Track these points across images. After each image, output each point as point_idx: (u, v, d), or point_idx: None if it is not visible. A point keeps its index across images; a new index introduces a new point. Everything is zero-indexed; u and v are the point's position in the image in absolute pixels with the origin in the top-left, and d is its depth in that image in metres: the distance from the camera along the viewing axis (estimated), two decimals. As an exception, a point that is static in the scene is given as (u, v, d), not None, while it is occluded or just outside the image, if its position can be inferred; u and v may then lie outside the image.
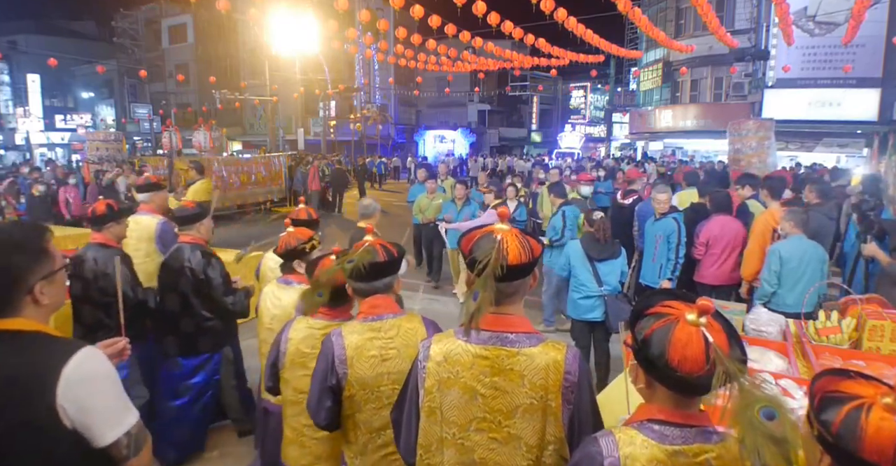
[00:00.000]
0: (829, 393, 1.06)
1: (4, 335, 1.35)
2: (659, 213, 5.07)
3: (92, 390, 1.34)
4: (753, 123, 8.67)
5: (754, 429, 1.03)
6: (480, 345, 1.46)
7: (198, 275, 3.21)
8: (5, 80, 36.85)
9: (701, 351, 1.10)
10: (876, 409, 0.98)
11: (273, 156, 15.38)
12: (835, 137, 18.80)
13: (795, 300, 3.98)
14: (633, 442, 1.16)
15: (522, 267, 1.43)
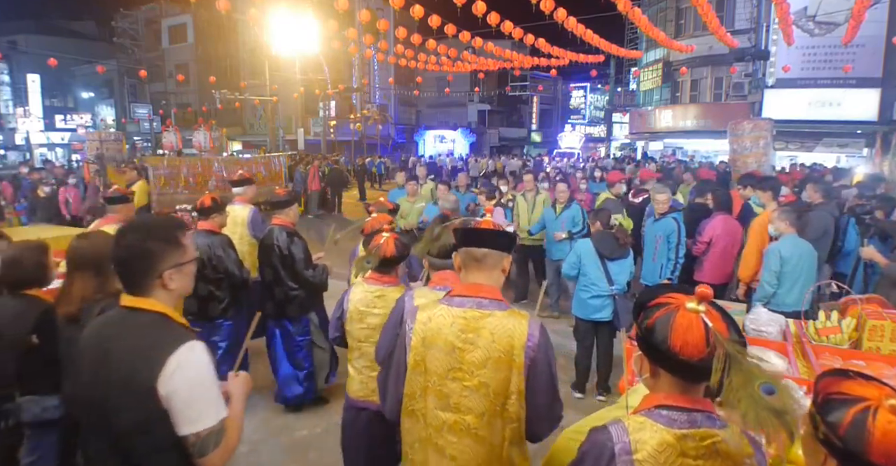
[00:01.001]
0: (832, 395, 1.07)
1: (131, 311, 1.54)
2: (658, 213, 5.08)
3: (182, 383, 1.45)
4: (748, 124, 8.68)
5: (756, 404, 1.08)
6: (459, 308, 1.72)
7: (283, 251, 3.90)
8: (5, 80, 36.85)
9: (701, 335, 1.16)
10: (882, 412, 0.99)
11: (273, 156, 15.35)
12: (835, 137, 18.79)
13: (795, 299, 3.99)
14: (643, 428, 1.21)
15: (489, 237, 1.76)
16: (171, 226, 1.64)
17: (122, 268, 1.57)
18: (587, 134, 39.83)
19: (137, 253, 1.54)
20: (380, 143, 30.32)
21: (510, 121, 43.90)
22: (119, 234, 1.59)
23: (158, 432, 1.46)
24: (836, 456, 1.04)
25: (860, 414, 1.00)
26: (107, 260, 2.04)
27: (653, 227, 5.15)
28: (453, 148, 35.72)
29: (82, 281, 2.37)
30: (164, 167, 11.29)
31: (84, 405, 1.55)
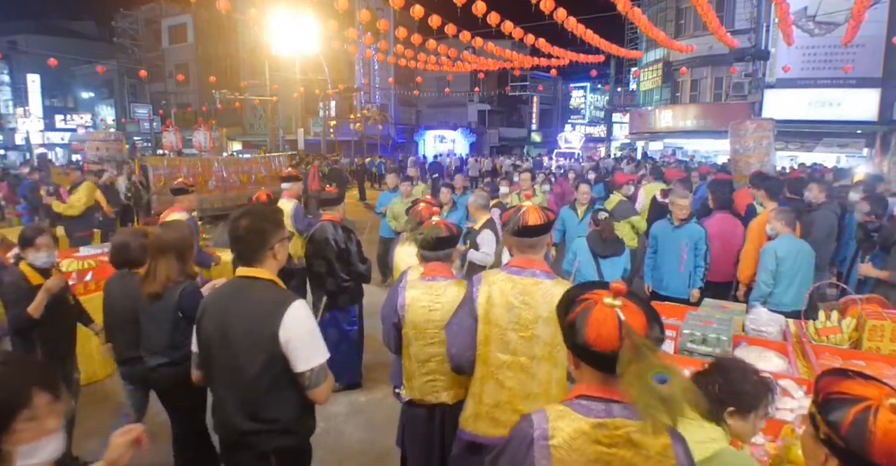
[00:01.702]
0: (833, 395, 1.08)
1: (252, 279, 2.00)
2: (678, 219, 4.69)
3: (298, 328, 1.91)
4: (751, 123, 8.66)
5: (647, 391, 1.14)
6: (518, 276, 2.17)
7: (340, 245, 4.19)
8: (5, 80, 36.86)
9: (614, 329, 1.21)
10: (883, 411, 1.01)
11: (273, 156, 15.35)
12: (835, 137, 18.78)
13: (792, 298, 3.99)
14: (562, 416, 1.30)
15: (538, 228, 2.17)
16: (275, 210, 2.16)
17: (241, 245, 2.01)
18: (587, 134, 39.82)
19: (255, 232, 1.98)
20: (380, 143, 30.31)
21: (510, 121, 43.88)
22: (237, 218, 2.00)
23: (280, 370, 1.90)
24: (838, 456, 1.05)
25: (861, 414, 1.02)
26: (187, 245, 2.79)
27: (674, 234, 4.70)
28: (453, 148, 35.71)
29: (166, 265, 2.72)
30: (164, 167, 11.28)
31: (216, 357, 1.98)
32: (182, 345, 2.62)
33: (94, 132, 23.91)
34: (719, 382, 1.76)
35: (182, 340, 2.64)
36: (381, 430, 3.92)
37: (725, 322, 3.09)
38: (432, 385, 2.46)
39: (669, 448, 1.26)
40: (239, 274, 2.04)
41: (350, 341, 4.43)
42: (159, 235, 2.78)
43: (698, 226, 4.72)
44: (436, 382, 2.45)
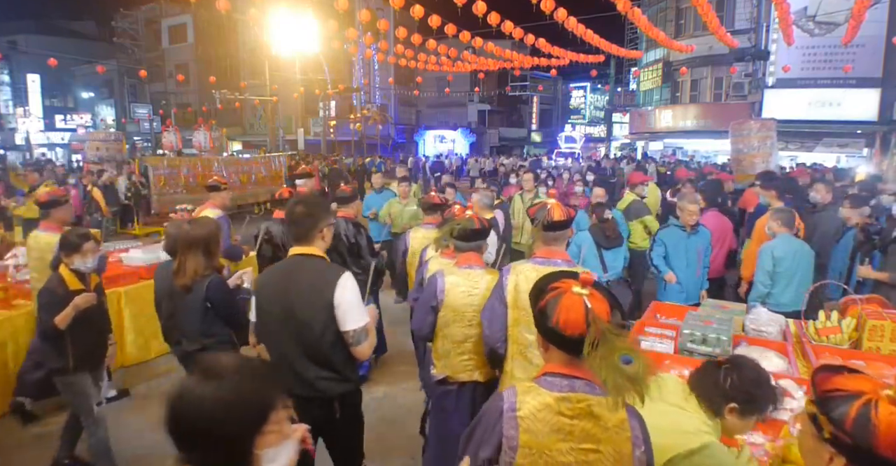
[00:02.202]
0: (830, 392, 1.09)
1: (307, 256, 2.39)
2: (689, 226, 4.57)
3: (347, 295, 2.30)
4: (755, 123, 8.66)
5: (614, 371, 1.26)
6: (541, 265, 2.46)
7: (350, 240, 4.43)
8: (5, 80, 36.84)
9: (581, 315, 1.33)
10: (883, 404, 1.03)
11: (273, 156, 15.37)
12: (835, 137, 18.78)
13: (790, 298, 4.00)
14: (529, 391, 1.43)
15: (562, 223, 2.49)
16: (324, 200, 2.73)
17: (296, 227, 2.41)
18: (587, 134, 39.84)
19: (308, 217, 2.38)
20: (380, 143, 30.30)
21: (510, 121, 43.88)
22: (293, 204, 2.44)
23: (333, 329, 2.30)
24: (845, 453, 1.05)
25: (863, 408, 1.03)
26: (213, 241, 2.98)
27: (689, 242, 4.59)
28: (453, 148, 35.71)
29: (194, 259, 2.90)
30: (164, 167, 11.31)
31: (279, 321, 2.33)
32: (212, 333, 2.93)
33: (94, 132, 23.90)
34: (732, 378, 1.79)
35: (211, 328, 2.93)
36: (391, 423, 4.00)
37: (725, 322, 3.09)
38: (466, 363, 2.75)
39: (626, 421, 1.40)
40: (294, 252, 2.43)
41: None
42: (188, 231, 2.94)
43: (705, 229, 4.72)
44: (470, 361, 2.74)
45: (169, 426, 1.08)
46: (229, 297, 2.99)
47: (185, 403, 1.07)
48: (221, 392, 1.07)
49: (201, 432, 1.06)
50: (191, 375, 1.12)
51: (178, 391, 1.08)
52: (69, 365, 3.15)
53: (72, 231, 3.34)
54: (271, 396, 1.15)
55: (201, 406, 1.05)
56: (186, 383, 1.10)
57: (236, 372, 1.11)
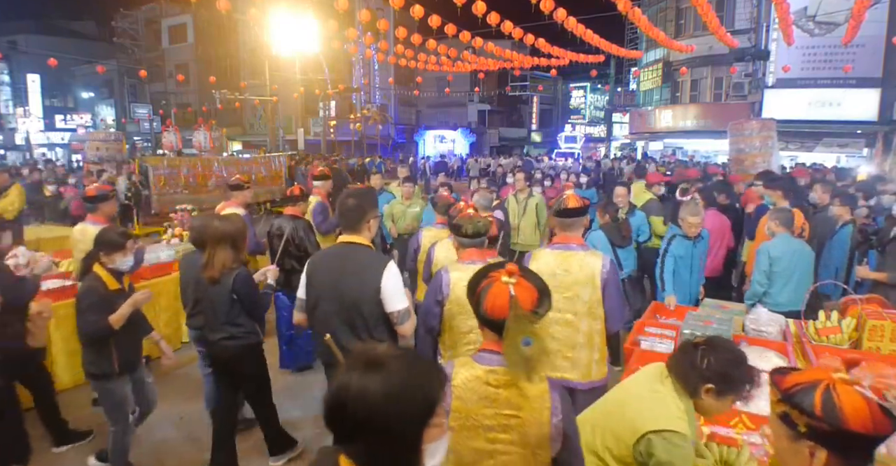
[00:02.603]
0: (791, 388, 1.18)
1: (355, 244, 2.67)
2: (692, 236, 4.48)
3: (392, 281, 2.58)
4: (756, 123, 8.66)
5: (515, 350, 1.48)
6: (558, 250, 2.86)
7: None
8: (5, 80, 36.83)
9: (506, 301, 1.51)
10: (840, 386, 1.15)
11: (273, 156, 15.36)
12: (835, 137, 18.78)
13: (787, 298, 3.99)
14: (465, 365, 1.65)
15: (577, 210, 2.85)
16: (370, 192, 3.05)
17: (346, 217, 2.67)
18: (587, 134, 39.83)
19: (357, 208, 2.66)
20: (380, 143, 30.30)
21: (510, 121, 43.88)
22: (345, 197, 2.71)
23: (380, 309, 2.59)
24: (823, 442, 1.12)
25: (825, 394, 1.14)
26: (240, 236, 3.16)
27: (694, 251, 4.53)
28: (453, 148, 35.71)
29: (223, 253, 3.06)
30: (164, 167, 11.31)
31: (328, 301, 2.64)
32: (238, 323, 3.09)
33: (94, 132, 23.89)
34: (708, 359, 1.80)
35: (237, 318, 3.09)
36: None
37: (725, 322, 3.09)
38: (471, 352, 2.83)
39: (546, 393, 1.57)
40: (343, 239, 2.71)
41: None
42: (217, 227, 3.10)
43: (706, 232, 4.68)
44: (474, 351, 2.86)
45: (334, 419, 1.04)
46: (254, 291, 3.12)
47: (355, 396, 1.01)
48: (391, 384, 1.03)
49: (372, 426, 1.02)
50: (352, 368, 1.06)
51: (342, 383, 1.03)
52: (114, 370, 3.05)
53: (111, 229, 3.25)
54: (437, 388, 1.11)
55: (372, 400, 1.01)
56: (350, 376, 1.04)
57: (402, 363, 1.07)
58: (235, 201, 5.18)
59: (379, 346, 1.12)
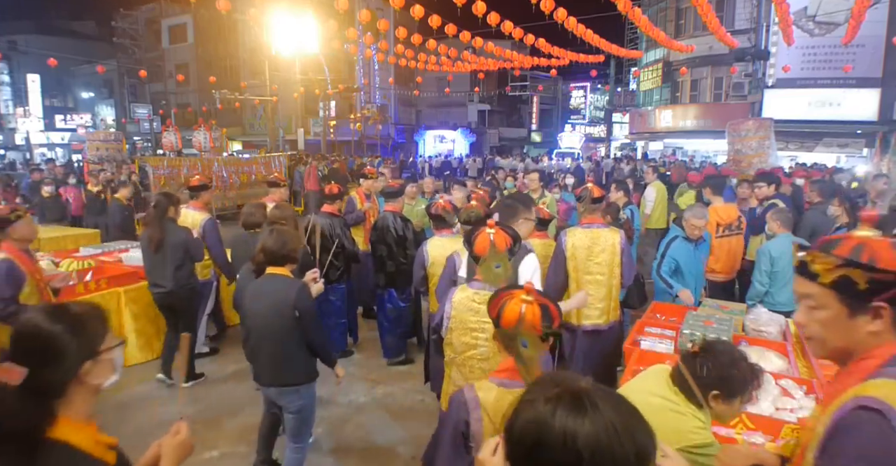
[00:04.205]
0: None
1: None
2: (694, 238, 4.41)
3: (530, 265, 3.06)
4: (753, 123, 8.66)
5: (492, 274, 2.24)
6: (587, 229, 3.76)
7: (398, 233, 4.86)
8: (5, 80, 36.82)
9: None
10: (513, 301, 1.73)
11: (273, 156, 15.36)
12: (835, 137, 18.79)
13: (787, 298, 4.01)
14: (461, 290, 2.43)
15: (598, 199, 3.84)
16: (526, 198, 3.85)
17: (504, 214, 3.31)
18: (587, 134, 39.80)
19: (512, 207, 3.40)
20: (380, 143, 30.26)
21: (510, 121, 43.85)
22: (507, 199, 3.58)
23: None
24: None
25: (502, 304, 1.72)
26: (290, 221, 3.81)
27: (695, 254, 4.46)
28: (453, 148, 35.67)
29: None
30: (164, 167, 11.32)
31: None
32: None
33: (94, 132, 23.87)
34: (707, 366, 1.79)
35: None
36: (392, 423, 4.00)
37: (725, 322, 3.09)
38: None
39: None
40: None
41: (405, 316, 5.05)
42: (274, 214, 4.08)
43: (707, 234, 4.60)
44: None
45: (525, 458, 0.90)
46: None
47: (558, 438, 0.86)
48: (603, 429, 0.86)
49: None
50: (553, 401, 0.90)
51: (540, 419, 0.89)
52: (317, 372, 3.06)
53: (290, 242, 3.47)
54: (649, 435, 0.91)
55: (581, 445, 0.85)
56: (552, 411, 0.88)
57: (612, 403, 0.90)
58: (271, 198, 5.53)
59: (580, 378, 0.95)
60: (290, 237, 2.96)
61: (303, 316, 2.80)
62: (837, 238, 1.20)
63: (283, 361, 2.87)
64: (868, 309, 1.12)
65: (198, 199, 5.12)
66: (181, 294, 4.43)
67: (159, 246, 4.30)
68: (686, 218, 4.44)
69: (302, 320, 2.81)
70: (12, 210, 3.60)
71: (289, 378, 2.90)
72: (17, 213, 3.56)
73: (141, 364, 5.03)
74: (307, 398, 2.99)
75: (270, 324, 2.83)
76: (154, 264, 4.40)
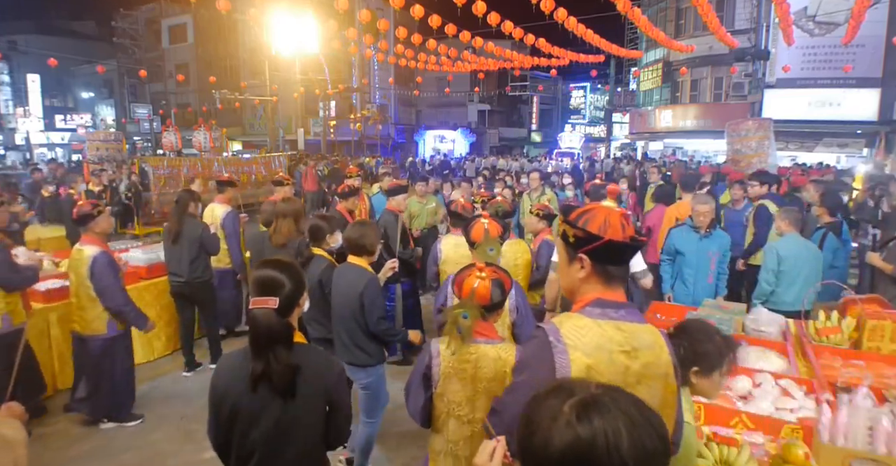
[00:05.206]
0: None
1: None
2: (703, 228, 4.36)
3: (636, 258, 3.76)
4: (753, 123, 8.66)
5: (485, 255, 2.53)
6: None
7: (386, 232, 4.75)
8: (5, 80, 36.80)
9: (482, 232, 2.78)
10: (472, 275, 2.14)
11: (273, 157, 15.36)
12: (835, 137, 18.78)
13: (794, 298, 4.00)
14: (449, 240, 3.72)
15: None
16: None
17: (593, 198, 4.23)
18: (587, 134, 39.79)
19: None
20: (380, 143, 30.26)
21: (510, 121, 43.84)
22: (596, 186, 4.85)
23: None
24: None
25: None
26: (299, 213, 4.23)
27: (701, 245, 4.35)
28: (453, 148, 35.66)
29: (287, 225, 4.13)
30: (164, 167, 11.31)
31: None
32: None
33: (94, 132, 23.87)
34: (684, 344, 1.83)
35: None
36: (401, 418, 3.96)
37: (725, 322, 3.09)
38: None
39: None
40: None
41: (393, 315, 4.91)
42: (281, 206, 4.23)
43: (724, 234, 4.50)
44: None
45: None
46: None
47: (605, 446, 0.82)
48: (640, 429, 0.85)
49: None
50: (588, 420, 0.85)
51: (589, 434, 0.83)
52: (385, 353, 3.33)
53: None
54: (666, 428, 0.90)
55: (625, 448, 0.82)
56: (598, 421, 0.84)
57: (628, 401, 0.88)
58: (278, 196, 5.66)
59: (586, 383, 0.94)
60: (369, 230, 3.19)
61: (367, 306, 3.03)
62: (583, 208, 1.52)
63: (351, 343, 3.13)
64: (576, 258, 1.45)
65: (223, 194, 5.52)
66: (195, 285, 4.73)
67: (177, 238, 4.63)
68: (693, 206, 4.44)
69: (366, 310, 3.03)
70: (94, 205, 3.81)
71: (357, 358, 3.14)
72: (98, 209, 3.80)
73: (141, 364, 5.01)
74: (375, 376, 3.22)
75: (343, 310, 3.11)
76: (172, 255, 4.73)
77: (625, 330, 1.39)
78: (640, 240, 1.44)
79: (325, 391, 1.82)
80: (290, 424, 1.76)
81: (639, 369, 1.38)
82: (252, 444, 1.76)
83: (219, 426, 1.80)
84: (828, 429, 2.09)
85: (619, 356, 1.36)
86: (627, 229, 1.42)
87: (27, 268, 3.86)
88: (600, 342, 1.36)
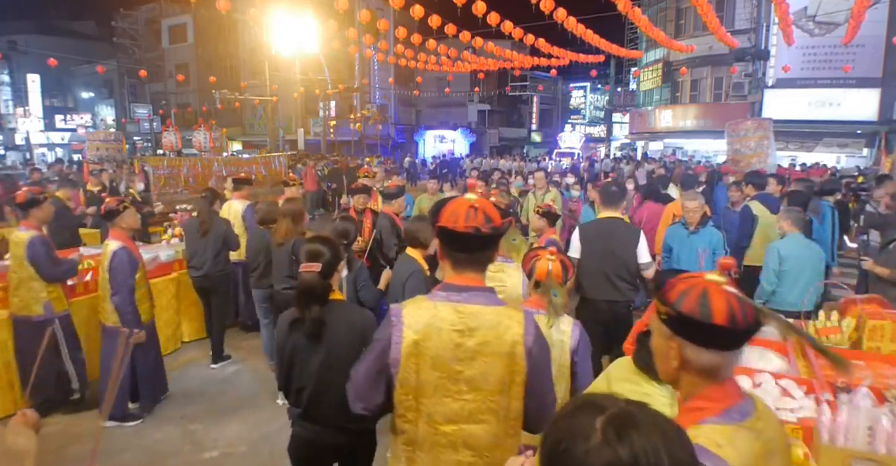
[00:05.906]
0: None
1: (615, 219, 3.98)
2: (692, 224, 4.41)
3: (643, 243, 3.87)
4: (752, 123, 8.67)
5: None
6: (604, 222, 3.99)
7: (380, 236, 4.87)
8: (5, 80, 36.80)
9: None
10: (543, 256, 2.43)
11: (273, 157, 15.36)
12: (835, 137, 18.79)
13: (796, 297, 3.99)
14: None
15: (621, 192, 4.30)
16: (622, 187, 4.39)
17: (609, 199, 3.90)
18: (587, 134, 39.79)
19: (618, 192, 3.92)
20: (380, 143, 30.26)
21: (510, 121, 43.83)
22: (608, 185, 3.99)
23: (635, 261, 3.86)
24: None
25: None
26: (299, 213, 4.30)
27: (690, 241, 4.40)
28: (453, 148, 35.66)
29: (286, 225, 4.20)
30: (164, 167, 11.29)
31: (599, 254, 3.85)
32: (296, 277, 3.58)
33: (94, 132, 23.89)
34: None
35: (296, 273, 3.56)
36: None
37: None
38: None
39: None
40: (602, 216, 3.95)
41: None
42: (283, 206, 4.38)
43: (716, 231, 4.52)
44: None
45: None
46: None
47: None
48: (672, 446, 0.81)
49: None
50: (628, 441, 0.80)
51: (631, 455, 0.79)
52: None
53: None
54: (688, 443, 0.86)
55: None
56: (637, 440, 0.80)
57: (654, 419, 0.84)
58: (286, 195, 5.91)
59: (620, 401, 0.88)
60: (424, 226, 3.34)
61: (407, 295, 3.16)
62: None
63: None
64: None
65: (240, 191, 5.85)
66: (215, 277, 4.95)
67: (206, 232, 4.86)
68: (682, 203, 4.60)
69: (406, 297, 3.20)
70: (119, 201, 3.95)
71: None
72: (124, 204, 3.94)
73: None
74: None
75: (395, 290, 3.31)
76: (197, 249, 4.93)
77: (462, 311, 1.54)
78: (483, 233, 1.51)
79: (360, 337, 2.23)
80: (332, 363, 2.22)
81: (473, 346, 1.53)
82: (306, 378, 2.26)
83: (282, 365, 2.33)
84: (827, 429, 2.09)
85: (451, 334, 1.53)
86: (472, 220, 1.51)
87: (67, 262, 4.15)
88: (431, 321, 1.54)
